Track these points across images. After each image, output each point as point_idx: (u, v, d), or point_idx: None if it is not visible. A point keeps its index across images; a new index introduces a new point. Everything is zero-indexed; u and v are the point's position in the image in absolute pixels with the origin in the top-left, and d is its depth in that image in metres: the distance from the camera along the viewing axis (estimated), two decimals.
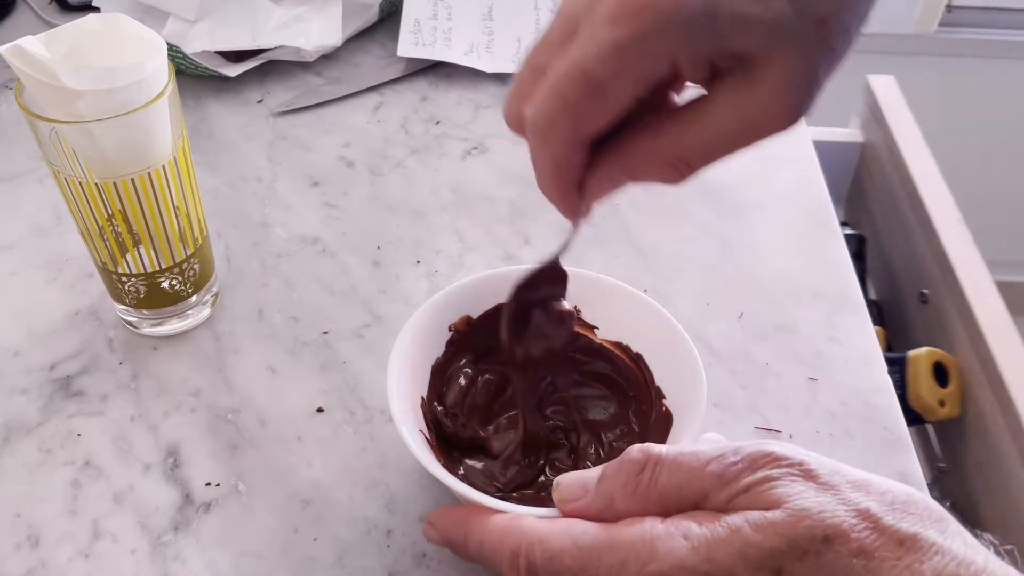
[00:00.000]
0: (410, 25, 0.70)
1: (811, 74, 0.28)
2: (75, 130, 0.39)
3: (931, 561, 0.27)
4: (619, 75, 0.28)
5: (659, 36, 0.27)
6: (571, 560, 0.30)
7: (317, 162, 0.61)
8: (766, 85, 0.28)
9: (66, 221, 0.55)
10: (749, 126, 0.29)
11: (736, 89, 0.28)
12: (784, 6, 0.27)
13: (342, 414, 0.45)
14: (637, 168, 0.31)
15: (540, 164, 0.31)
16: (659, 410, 0.42)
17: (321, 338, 0.49)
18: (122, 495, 0.42)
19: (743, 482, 0.30)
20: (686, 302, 0.51)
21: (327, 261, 0.54)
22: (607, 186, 0.32)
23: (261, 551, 0.40)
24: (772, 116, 0.29)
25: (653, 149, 0.30)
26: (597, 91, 0.28)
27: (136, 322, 0.49)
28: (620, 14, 0.27)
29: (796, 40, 0.27)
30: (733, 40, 0.27)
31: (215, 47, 0.65)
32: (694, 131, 0.29)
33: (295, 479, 0.43)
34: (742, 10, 0.27)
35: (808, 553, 0.27)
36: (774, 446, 0.30)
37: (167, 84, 0.41)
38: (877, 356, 0.49)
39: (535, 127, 0.30)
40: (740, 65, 0.28)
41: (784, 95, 0.28)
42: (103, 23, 0.42)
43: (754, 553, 0.28)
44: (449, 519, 0.35)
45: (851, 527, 0.28)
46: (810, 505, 0.28)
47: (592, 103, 0.28)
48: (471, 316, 0.44)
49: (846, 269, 0.54)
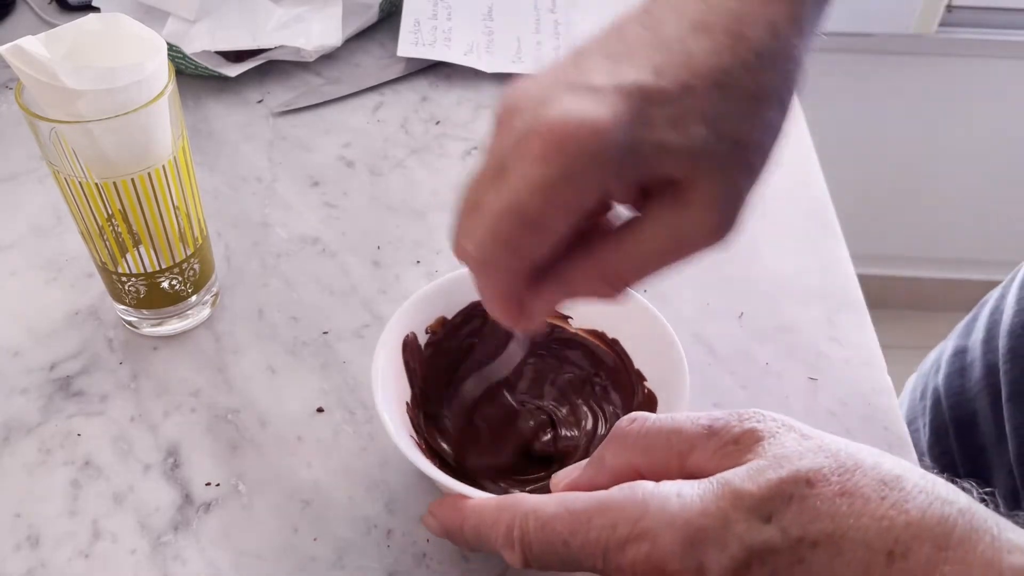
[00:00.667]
0: (410, 25, 0.70)
1: (734, 192, 0.30)
2: (75, 130, 0.39)
3: (915, 500, 0.28)
4: (551, 210, 0.28)
5: (586, 170, 0.28)
6: (562, 525, 0.30)
7: (317, 162, 0.61)
8: (693, 205, 0.30)
9: (66, 221, 0.55)
10: (680, 243, 0.31)
11: (666, 210, 0.30)
12: (702, 131, 0.29)
13: (342, 414, 0.45)
14: (576, 289, 0.32)
15: (484, 295, 0.32)
16: (642, 392, 0.42)
17: (321, 338, 0.49)
18: (122, 495, 0.42)
19: (731, 434, 0.31)
20: (686, 302, 0.51)
21: (327, 261, 0.54)
22: (549, 306, 0.33)
23: (261, 551, 0.40)
24: (702, 233, 0.30)
25: (590, 271, 0.31)
26: (531, 227, 0.29)
27: (136, 322, 0.49)
28: (547, 152, 0.27)
29: (717, 162, 0.29)
30: (658, 168, 0.29)
31: (215, 47, 0.65)
32: (628, 252, 0.31)
33: (295, 479, 0.43)
34: (663, 139, 0.28)
35: (794, 497, 0.28)
36: (759, 409, 0.32)
37: (167, 84, 0.41)
38: (877, 356, 0.49)
39: (476, 263, 0.31)
40: (668, 187, 0.30)
41: (711, 213, 0.30)
42: (103, 23, 0.42)
43: (745, 502, 0.28)
44: (447, 506, 0.35)
45: (832, 470, 0.28)
46: (790, 452, 0.29)
47: (528, 238, 0.29)
48: (446, 317, 0.44)
49: (846, 269, 0.54)
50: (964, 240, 1.59)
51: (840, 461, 0.29)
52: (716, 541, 0.28)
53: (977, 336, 0.60)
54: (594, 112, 0.28)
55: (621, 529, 0.29)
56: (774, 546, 0.28)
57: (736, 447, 0.30)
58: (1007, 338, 0.56)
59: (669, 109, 0.28)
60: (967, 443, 0.59)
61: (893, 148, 1.47)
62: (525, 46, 0.70)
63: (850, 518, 0.27)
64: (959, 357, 0.62)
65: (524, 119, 0.28)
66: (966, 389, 0.60)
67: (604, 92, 0.28)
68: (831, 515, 0.28)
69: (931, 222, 1.56)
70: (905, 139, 1.46)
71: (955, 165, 1.48)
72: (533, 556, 0.31)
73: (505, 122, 0.29)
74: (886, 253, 1.59)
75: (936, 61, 1.37)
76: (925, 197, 1.53)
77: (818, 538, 0.27)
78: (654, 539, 0.29)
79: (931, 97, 1.41)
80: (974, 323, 0.62)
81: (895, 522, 0.27)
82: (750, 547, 0.28)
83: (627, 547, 0.29)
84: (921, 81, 1.40)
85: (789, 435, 0.30)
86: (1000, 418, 0.56)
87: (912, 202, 1.53)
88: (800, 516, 0.28)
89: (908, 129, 1.45)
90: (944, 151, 1.47)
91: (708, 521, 0.28)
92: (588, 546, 0.30)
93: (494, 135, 0.30)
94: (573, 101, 0.28)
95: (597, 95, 0.28)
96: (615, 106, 0.28)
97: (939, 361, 0.64)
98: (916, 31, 1.32)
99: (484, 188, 0.30)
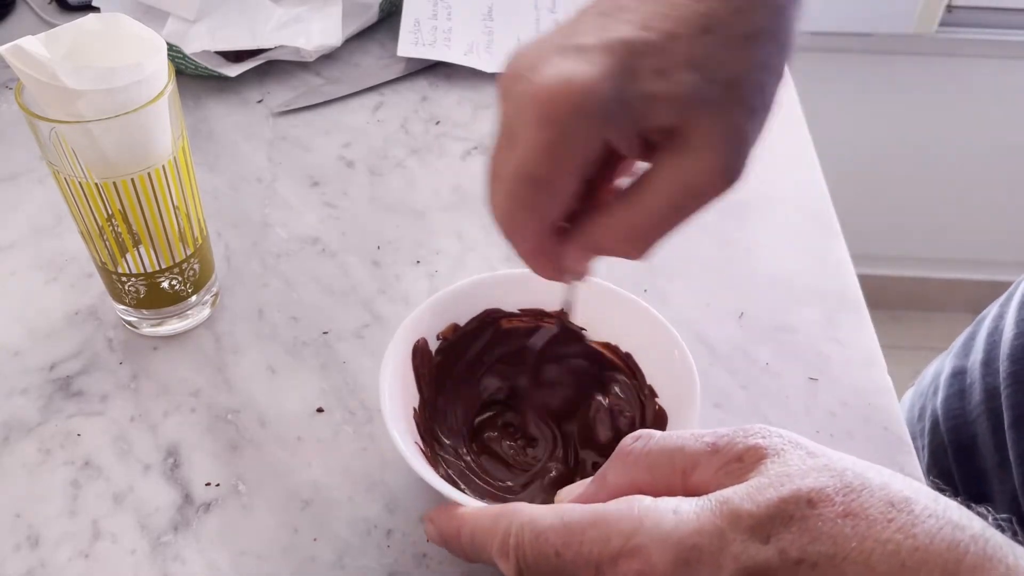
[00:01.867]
0: (410, 25, 0.70)
1: (736, 132, 0.30)
2: (75, 130, 0.39)
3: (924, 524, 0.26)
4: (555, 169, 0.30)
5: (580, 127, 0.29)
6: (556, 537, 0.30)
7: (317, 162, 0.61)
8: (696, 150, 0.30)
9: (66, 221, 0.55)
10: (690, 191, 0.31)
11: (670, 159, 0.30)
12: (689, 77, 0.29)
13: (342, 414, 0.45)
14: (602, 246, 0.33)
15: (520, 253, 0.34)
16: (653, 409, 0.42)
17: (321, 338, 0.49)
18: (122, 495, 0.42)
19: (734, 451, 0.30)
20: (686, 302, 0.51)
21: (327, 261, 0.54)
22: (583, 260, 0.34)
23: (261, 551, 0.40)
24: (709, 178, 0.30)
25: (610, 229, 0.32)
26: (543, 187, 0.30)
27: (136, 322, 0.49)
28: (542, 116, 0.29)
29: (712, 105, 0.29)
30: (651, 117, 0.30)
31: (215, 47, 0.65)
32: (642, 205, 0.31)
33: (295, 479, 0.43)
34: (650, 89, 0.29)
35: (794, 518, 0.27)
36: (765, 425, 0.31)
37: (167, 84, 0.41)
38: (877, 356, 0.49)
39: (504, 227, 0.33)
40: (669, 136, 0.30)
41: (714, 155, 0.30)
42: (103, 23, 0.42)
43: (743, 521, 0.27)
44: (445, 515, 0.35)
45: (836, 490, 0.27)
46: (793, 470, 0.28)
47: (540, 197, 0.31)
48: (458, 324, 0.44)
49: (846, 269, 0.54)
50: (964, 240, 1.59)
51: (846, 481, 0.27)
52: (710, 561, 0.27)
53: (976, 357, 0.58)
54: (579, 71, 0.29)
55: (614, 543, 0.29)
56: (771, 568, 0.27)
57: (739, 465, 0.29)
58: (1008, 362, 0.54)
59: (654, 59, 0.29)
60: (967, 467, 0.58)
61: (893, 148, 1.47)
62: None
63: (853, 540, 0.26)
64: (958, 379, 0.60)
65: (521, 84, 0.30)
66: (966, 412, 0.58)
67: (590, 50, 0.29)
68: (833, 537, 0.26)
69: (931, 222, 1.56)
70: (905, 139, 1.46)
71: (955, 165, 1.48)
72: (526, 566, 0.31)
73: (507, 88, 0.31)
74: (886, 253, 1.59)
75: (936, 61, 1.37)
76: (925, 197, 1.53)
77: (818, 560, 0.26)
78: (647, 556, 0.28)
79: (931, 97, 1.41)
80: (972, 342, 0.60)
81: (901, 546, 0.26)
82: (745, 568, 0.27)
83: (619, 561, 0.28)
84: (921, 81, 1.40)
85: (795, 452, 0.29)
86: (1002, 443, 0.54)
87: (912, 202, 1.53)
88: (800, 537, 0.27)
89: (908, 129, 1.45)
90: (944, 151, 1.47)
91: (702, 540, 0.27)
92: (581, 559, 0.29)
93: (501, 103, 0.31)
94: (561, 63, 0.29)
95: (584, 54, 0.29)
96: (600, 64, 0.29)
97: (937, 381, 0.62)
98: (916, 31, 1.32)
99: (501, 156, 0.31)
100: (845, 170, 1.40)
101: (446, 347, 0.44)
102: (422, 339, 0.42)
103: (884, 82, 1.39)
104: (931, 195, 1.52)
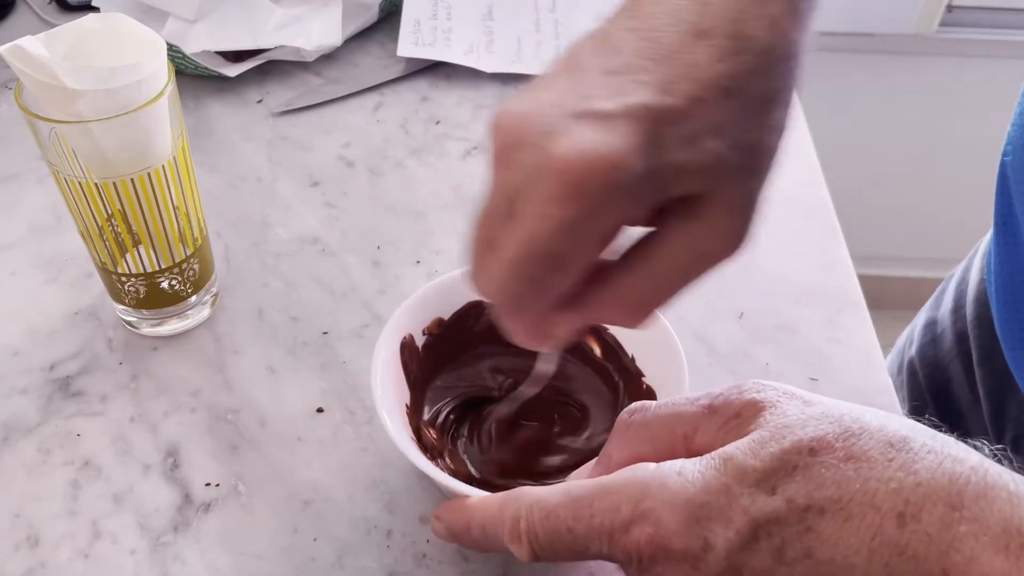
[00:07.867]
0: (410, 25, 0.70)
1: (750, 199, 0.30)
2: (75, 130, 0.39)
3: (924, 460, 0.27)
4: (576, 247, 0.28)
5: (607, 205, 0.27)
6: (565, 512, 0.30)
7: (317, 162, 0.61)
8: (711, 217, 0.29)
9: (66, 221, 0.55)
10: (701, 257, 0.30)
11: (682, 224, 0.29)
12: (716, 144, 0.28)
13: (342, 414, 0.45)
14: (603, 316, 0.32)
15: (514, 331, 0.32)
16: (640, 388, 0.42)
17: (321, 338, 0.49)
18: (122, 495, 0.42)
19: (732, 409, 0.30)
20: (686, 302, 0.51)
21: (327, 261, 0.54)
22: (576, 332, 0.33)
23: (261, 551, 0.40)
24: (721, 244, 0.30)
25: (615, 298, 0.31)
26: (559, 265, 0.28)
27: (136, 322, 0.49)
28: (566, 192, 0.27)
29: (732, 172, 0.29)
30: (677, 188, 0.28)
31: (215, 47, 0.65)
32: (648, 273, 0.30)
33: (295, 479, 0.43)
34: (679, 159, 0.28)
35: (797, 467, 0.27)
36: (758, 380, 0.31)
37: (167, 84, 0.41)
38: (877, 356, 0.49)
39: (505, 305, 0.30)
40: (682, 202, 0.29)
41: (730, 222, 0.29)
42: (103, 23, 0.42)
43: (748, 475, 0.28)
44: (452, 509, 0.35)
45: (836, 436, 0.28)
46: (792, 420, 0.29)
47: (551, 277, 0.29)
48: (442, 318, 0.44)
49: (846, 269, 0.54)
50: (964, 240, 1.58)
51: (844, 426, 0.28)
52: (720, 517, 0.28)
53: (946, 307, 0.61)
54: (609, 144, 0.26)
55: (624, 510, 0.29)
56: (780, 517, 0.27)
57: (738, 420, 0.30)
58: (974, 305, 0.57)
59: (681, 128, 0.28)
60: (945, 410, 0.60)
61: (893, 148, 1.47)
62: (525, 46, 0.69)
63: (856, 482, 0.27)
64: (930, 328, 0.62)
65: (533, 154, 0.27)
66: (939, 358, 0.61)
67: (614, 119, 0.27)
68: (836, 481, 0.27)
69: (931, 222, 1.56)
70: (905, 139, 1.46)
71: (955, 165, 1.48)
72: (540, 547, 0.31)
73: (509, 153, 0.28)
74: (886, 253, 1.59)
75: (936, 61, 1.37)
76: (925, 197, 1.53)
77: (825, 505, 0.27)
78: (657, 519, 0.28)
79: (931, 97, 1.41)
80: (942, 296, 0.63)
81: (904, 484, 0.26)
82: (755, 520, 0.27)
83: (631, 528, 0.29)
84: (921, 81, 1.40)
85: (791, 403, 0.29)
86: (974, 383, 0.57)
87: (912, 202, 1.53)
88: (805, 485, 0.27)
89: (908, 129, 1.45)
90: (944, 151, 1.47)
91: (711, 497, 0.28)
92: (592, 531, 0.30)
93: (498, 167, 0.29)
94: (584, 133, 0.27)
95: (607, 123, 0.27)
96: (628, 134, 0.27)
97: (912, 335, 0.65)
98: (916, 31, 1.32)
99: (497, 225, 0.29)
100: (845, 170, 1.40)
101: (432, 341, 0.44)
102: (408, 335, 0.42)
103: (884, 82, 1.39)
104: (931, 195, 1.52)
